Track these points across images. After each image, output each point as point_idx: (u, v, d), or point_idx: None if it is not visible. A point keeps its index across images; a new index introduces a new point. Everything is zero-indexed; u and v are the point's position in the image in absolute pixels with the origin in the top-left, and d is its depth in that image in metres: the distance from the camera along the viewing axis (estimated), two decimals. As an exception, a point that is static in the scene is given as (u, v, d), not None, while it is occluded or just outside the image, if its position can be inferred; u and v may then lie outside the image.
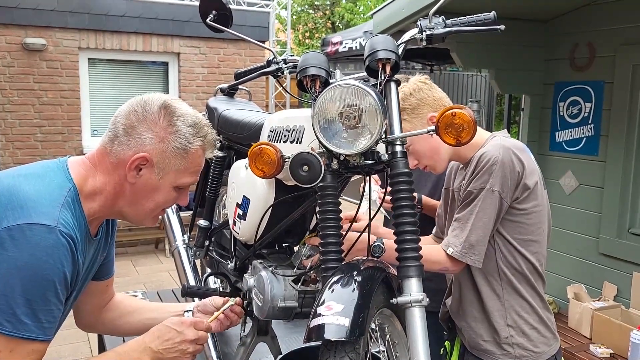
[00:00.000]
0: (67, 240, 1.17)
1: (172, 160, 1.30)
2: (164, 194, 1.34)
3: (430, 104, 1.80)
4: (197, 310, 1.64)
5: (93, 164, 1.30)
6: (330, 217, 1.50)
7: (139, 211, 1.36)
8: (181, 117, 1.31)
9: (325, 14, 18.59)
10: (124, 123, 1.28)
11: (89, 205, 1.28)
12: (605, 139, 3.66)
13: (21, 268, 1.11)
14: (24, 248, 1.12)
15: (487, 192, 1.65)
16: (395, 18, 3.71)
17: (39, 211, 1.15)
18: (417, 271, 1.38)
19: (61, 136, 6.79)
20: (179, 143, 1.30)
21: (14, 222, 1.13)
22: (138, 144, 1.27)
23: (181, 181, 1.34)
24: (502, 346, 1.77)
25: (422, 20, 1.59)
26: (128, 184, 1.30)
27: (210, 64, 7.43)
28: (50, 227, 1.14)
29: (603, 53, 3.64)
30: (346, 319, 1.16)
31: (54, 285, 1.15)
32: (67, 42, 6.68)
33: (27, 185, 1.20)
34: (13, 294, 1.11)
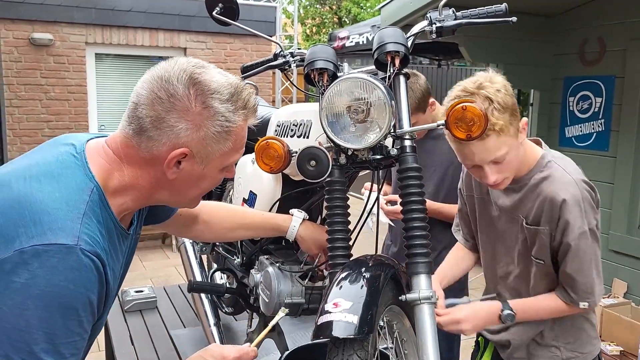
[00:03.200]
0: (91, 260, 1.00)
1: (215, 146, 1.11)
2: (210, 180, 1.18)
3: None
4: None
5: (118, 155, 1.11)
6: (338, 213, 1.48)
7: (182, 199, 1.22)
8: (215, 94, 1.09)
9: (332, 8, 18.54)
10: (150, 115, 1.07)
11: (119, 202, 1.11)
12: (616, 134, 3.62)
13: (37, 298, 0.95)
14: (40, 274, 0.95)
15: (589, 233, 1.55)
16: (404, 12, 3.68)
17: (56, 227, 0.98)
18: (426, 267, 1.36)
19: (68, 131, 6.78)
20: (219, 126, 1.10)
21: (27, 244, 0.96)
22: (172, 137, 1.08)
23: (228, 162, 1.17)
24: (549, 349, 1.72)
25: (432, 13, 1.56)
26: (167, 179, 1.13)
27: (216, 59, 7.41)
28: (70, 246, 0.97)
29: (613, 47, 3.60)
30: (354, 317, 1.14)
31: (76, 313, 0.99)
32: (74, 37, 6.68)
33: (40, 192, 1.01)
34: (29, 329, 0.95)
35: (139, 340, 2.51)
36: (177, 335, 2.53)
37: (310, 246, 1.75)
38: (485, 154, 1.47)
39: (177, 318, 2.79)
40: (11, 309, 0.94)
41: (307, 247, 1.76)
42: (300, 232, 1.72)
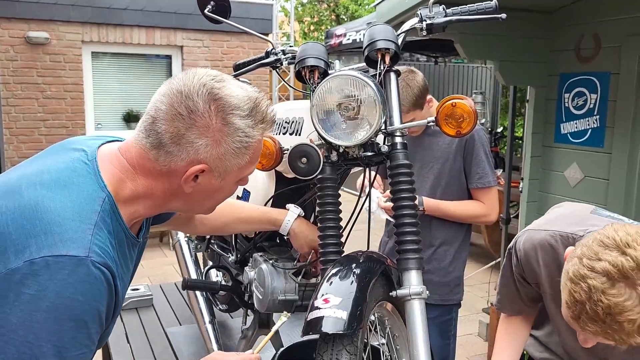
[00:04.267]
0: (101, 272, 0.98)
1: (234, 161, 1.11)
2: (226, 192, 1.19)
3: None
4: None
5: (132, 165, 1.10)
6: (330, 210, 1.49)
7: (197, 209, 1.24)
8: (235, 110, 1.08)
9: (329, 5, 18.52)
10: (169, 131, 1.06)
11: (130, 210, 1.10)
12: (611, 130, 3.62)
13: (47, 310, 0.93)
14: (50, 286, 0.94)
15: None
16: (399, 9, 3.67)
17: (67, 238, 0.96)
18: (416, 263, 1.37)
19: (65, 130, 6.80)
20: (238, 142, 1.10)
21: (38, 255, 0.94)
22: (191, 153, 1.07)
23: (244, 174, 1.18)
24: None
25: (422, 10, 1.57)
26: (182, 191, 1.12)
27: (213, 56, 7.42)
28: (81, 258, 0.96)
29: (609, 44, 3.60)
30: (344, 312, 1.14)
31: (85, 325, 0.98)
32: (70, 36, 6.68)
33: (51, 201, 1.00)
34: (38, 341, 0.94)
35: (135, 338, 2.52)
36: (172, 333, 2.54)
37: (301, 243, 1.76)
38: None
39: (173, 316, 2.80)
40: (20, 321, 0.93)
41: (299, 244, 1.77)
42: (294, 227, 1.73)
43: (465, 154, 2.34)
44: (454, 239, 2.41)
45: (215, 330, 2.17)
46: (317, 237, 1.51)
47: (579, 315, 1.06)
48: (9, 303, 0.94)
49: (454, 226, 2.39)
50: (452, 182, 2.36)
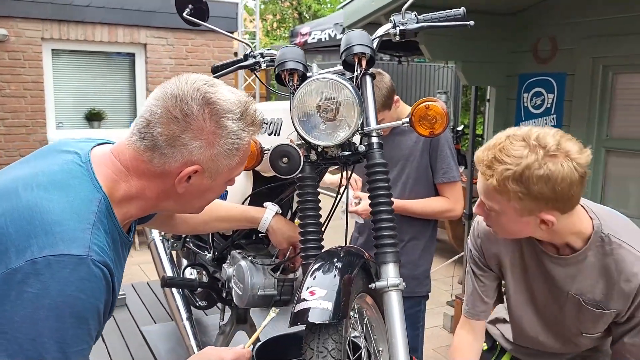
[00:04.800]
0: (101, 270, 1.02)
1: (225, 162, 1.16)
2: (216, 191, 1.24)
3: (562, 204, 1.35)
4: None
5: (125, 166, 1.14)
6: (310, 207, 1.56)
7: (188, 209, 1.29)
8: (227, 113, 1.13)
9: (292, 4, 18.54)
10: (165, 133, 1.11)
11: (123, 210, 1.14)
12: (567, 129, 3.79)
13: (49, 308, 0.97)
14: (52, 284, 0.97)
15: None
16: (366, 10, 3.76)
17: (67, 238, 1.00)
18: (393, 257, 1.45)
19: (25, 129, 6.65)
20: (230, 144, 1.15)
21: (39, 254, 0.97)
22: (185, 154, 1.12)
23: (234, 174, 1.23)
24: None
25: (396, 16, 1.65)
26: (175, 191, 1.17)
27: (178, 55, 7.36)
28: (81, 257, 0.99)
29: (565, 46, 3.77)
30: (329, 303, 1.21)
31: (86, 322, 1.02)
32: (30, 33, 6.52)
33: (49, 202, 1.03)
34: (41, 338, 0.97)
35: (110, 338, 2.53)
36: (148, 331, 2.56)
37: (280, 240, 1.82)
38: (482, 189, 1.42)
39: (146, 314, 2.82)
40: (23, 319, 0.96)
41: (278, 240, 1.82)
42: (272, 224, 1.79)
43: (431, 151, 2.44)
44: (422, 234, 2.51)
45: (193, 326, 2.21)
46: (298, 233, 1.57)
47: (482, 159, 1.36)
48: (10, 302, 0.97)
49: (422, 222, 2.49)
50: (419, 178, 2.45)
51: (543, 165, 1.29)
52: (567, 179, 1.29)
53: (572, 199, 1.34)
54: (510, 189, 1.32)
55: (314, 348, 1.19)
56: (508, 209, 1.37)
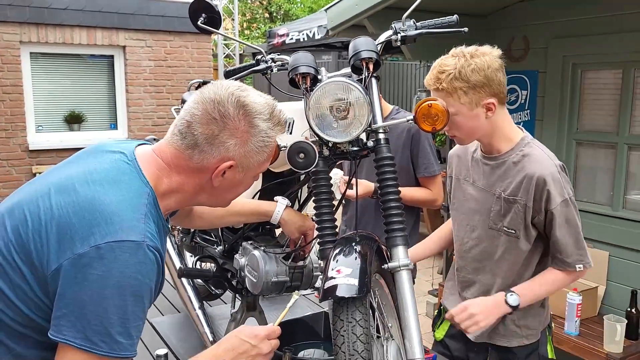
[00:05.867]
0: (153, 254, 1.17)
1: (255, 157, 1.32)
2: (245, 185, 1.40)
3: (494, 87, 1.78)
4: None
5: (167, 163, 1.29)
6: (324, 198, 1.71)
7: (220, 201, 1.43)
8: (259, 114, 1.30)
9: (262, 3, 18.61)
10: (205, 132, 1.25)
11: (165, 203, 1.29)
12: (540, 123, 4.03)
13: (113, 287, 1.10)
14: (114, 267, 1.10)
15: (568, 202, 1.79)
16: (349, 13, 3.93)
17: (125, 226, 1.14)
18: (403, 240, 1.62)
19: (5, 133, 6.62)
20: (261, 141, 1.30)
21: (102, 240, 1.11)
22: (222, 151, 1.27)
23: (261, 169, 1.38)
24: (510, 328, 1.95)
25: (396, 23, 1.81)
26: (211, 185, 1.32)
27: (156, 56, 7.41)
28: (138, 242, 1.13)
29: (537, 45, 4.01)
30: (355, 280, 1.37)
31: (142, 301, 1.16)
32: (8, 36, 6.50)
33: (106, 195, 1.17)
34: (107, 314, 1.10)
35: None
36: (158, 323, 2.68)
37: (292, 230, 1.97)
38: None
39: (153, 307, 2.93)
40: (91, 298, 1.10)
41: (290, 230, 1.98)
42: (284, 216, 1.94)
43: (412, 147, 2.65)
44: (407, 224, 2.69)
45: (205, 315, 2.34)
46: (314, 221, 1.73)
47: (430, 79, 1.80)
48: (77, 283, 1.11)
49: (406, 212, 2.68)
50: (401, 172, 2.62)
51: (472, 63, 1.77)
52: (492, 66, 1.78)
53: (500, 83, 1.79)
54: (457, 87, 1.75)
55: (343, 319, 1.35)
56: (461, 108, 1.77)
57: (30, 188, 1.28)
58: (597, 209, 3.70)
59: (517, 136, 1.89)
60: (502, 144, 1.88)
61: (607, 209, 3.66)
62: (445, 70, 1.78)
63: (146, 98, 7.38)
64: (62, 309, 1.12)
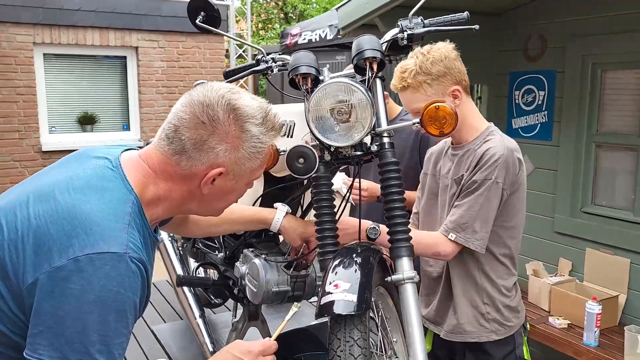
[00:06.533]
0: (137, 266, 1.09)
1: (247, 164, 1.23)
2: (237, 193, 1.31)
3: (455, 76, 1.85)
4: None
5: (153, 170, 1.21)
6: (325, 205, 1.62)
7: (209, 210, 1.34)
8: (250, 119, 1.21)
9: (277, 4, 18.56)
10: (192, 137, 1.18)
11: (151, 211, 1.21)
12: (558, 125, 3.90)
13: (92, 302, 1.03)
14: (94, 280, 1.03)
15: (492, 184, 1.75)
16: (360, 12, 3.83)
17: (106, 236, 1.06)
18: (408, 251, 1.53)
19: (18, 134, 6.64)
20: (253, 147, 1.22)
21: (81, 252, 1.04)
22: (211, 157, 1.19)
23: (254, 177, 1.30)
24: (480, 322, 1.90)
25: (403, 21, 1.72)
26: (200, 193, 1.24)
27: (169, 57, 7.39)
28: (120, 254, 1.06)
29: (554, 44, 3.87)
30: (353, 296, 1.28)
31: (125, 316, 1.08)
32: (21, 38, 6.51)
33: (87, 203, 1.10)
34: (86, 331, 1.03)
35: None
36: (159, 330, 2.61)
37: (294, 237, 1.88)
38: (406, 103, 1.89)
39: (155, 314, 2.87)
40: (69, 314, 1.03)
41: (291, 238, 1.89)
42: (284, 223, 1.85)
43: (421, 149, 2.54)
44: None
45: (205, 324, 2.27)
46: (314, 230, 1.64)
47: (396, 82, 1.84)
48: (54, 298, 1.04)
49: None
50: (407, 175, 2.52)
51: (429, 57, 1.83)
52: (449, 56, 1.85)
53: (460, 71, 1.87)
54: (421, 80, 1.81)
55: (340, 338, 1.26)
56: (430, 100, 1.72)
57: (11, 195, 1.20)
58: (617, 214, 3.56)
59: (483, 126, 1.91)
60: (469, 134, 1.89)
61: (628, 214, 3.52)
62: (406, 69, 1.84)
63: (158, 99, 7.36)
64: (38, 326, 1.05)
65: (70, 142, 6.91)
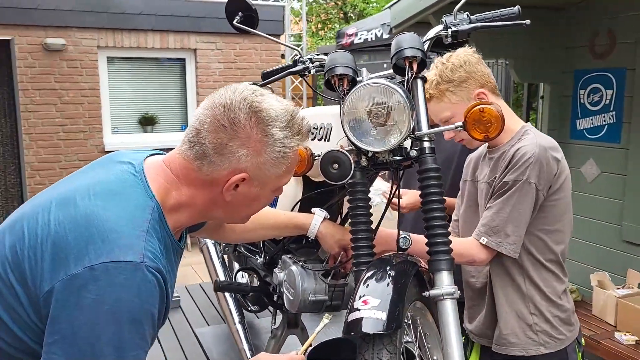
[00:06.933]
0: (154, 276, 1.05)
1: (272, 170, 1.17)
2: (263, 200, 1.25)
3: (479, 79, 1.80)
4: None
5: (176, 175, 1.17)
6: (361, 213, 1.54)
7: (235, 217, 1.29)
8: (274, 122, 1.15)
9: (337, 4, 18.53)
10: (213, 141, 1.13)
11: (174, 218, 1.17)
12: (627, 126, 3.64)
13: (107, 313, 1.00)
14: (109, 290, 1.00)
15: (523, 184, 1.65)
16: (413, 10, 3.71)
17: (123, 245, 1.03)
18: (448, 264, 1.42)
19: (83, 134, 6.89)
20: (277, 152, 1.16)
21: (97, 261, 1.01)
22: (233, 162, 1.14)
23: (281, 183, 1.24)
24: (527, 334, 1.78)
25: (447, 17, 1.61)
26: (223, 199, 1.18)
27: (226, 59, 7.48)
28: (136, 264, 1.02)
29: (624, 40, 3.61)
30: (383, 313, 1.19)
31: (141, 327, 1.04)
32: (86, 42, 6.76)
33: (105, 210, 1.07)
34: (99, 343, 1.00)
35: (166, 339, 2.59)
36: (202, 333, 2.61)
37: (331, 244, 1.81)
38: (433, 115, 1.80)
39: (200, 316, 2.87)
40: (83, 324, 1.00)
41: (329, 245, 1.82)
42: (321, 229, 1.78)
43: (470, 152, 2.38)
44: None
45: (245, 330, 2.23)
46: (349, 239, 1.56)
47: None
48: (70, 307, 1.01)
49: None
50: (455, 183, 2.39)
51: (448, 65, 1.79)
52: (469, 61, 1.79)
53: (483, 74, 1.80)
54: (444, 89, 1.78)
55: (368, 358, 1.18)
56: (455, 107, 1.76)
57: (36, 200, 1.20)
58: (693, 224, 3.27)
59: (517, 126, 1.81)
60: (503, 136, 1.75)
61: None
62: (428, 80, 1.77)
63: (216, 100, 7.46)
64: (53, 335, 1.02)
65: (132, 143, 7.12)
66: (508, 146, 1.75)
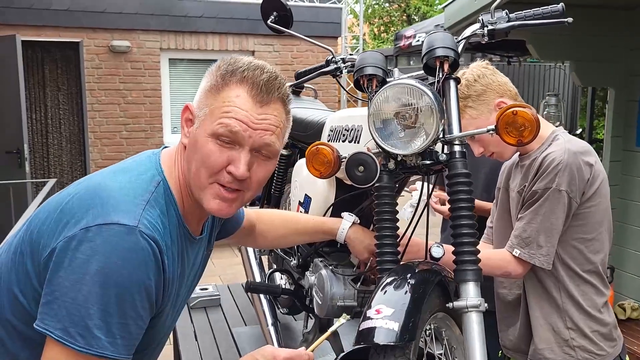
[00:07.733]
0: (148, 244, 1.03)
1: (205, 101, 1.13)
2: (201, 147, 1.11)
3: (496, 89, 1.77)
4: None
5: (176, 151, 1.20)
6: (387, 218, 1.49)
7: (195, 181, 1.14)
8: (231, 60, 1.16)
9: (400, 6, 18.36)
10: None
11: (178, 197, 1.17)
12: (700, 134, 3.38)
13: (95, 274, 0.99)
14: (100, 250, 1.00)
15: (553, 192, 1.58)
16: (467, 10, 3.60)
17: (120, 209, 1.03)
18: (474, 275, 1.34)
19: (144, 133, 7.14)
20: (212, 81, 1.14)
21: (93, 222, 1.01)
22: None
23: (213, 126, 1.11)
24: (563, 349, 1.68)
25: (484, 15, 1.53)
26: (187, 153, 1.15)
27: (283, 61, 7.56)
28: (130, 227, 1.02)
29: (697, 40, 3.37)
30: (396, 324, 1.14)
31: (130, 295, 1.02)
32: (150, 44, 7.00)
33: (112, 181, 1.10)
34: (86, 303, 0.99)
35: (203, 337, 2.62)
36: (238, 333, 2.61)
37: (360, 250, 1.76)
38: None
39: (239, 316, 2.88)
40: (72, 284, 1.00)
41: (357, 251, 1.77)
42: (349, 234, 1.73)
43: None
44: None
45: (277, 332, 2.21)
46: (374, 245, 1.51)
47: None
48: (64, 268, 1.02)
49: None
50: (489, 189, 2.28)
51: (463, 81, 1.71)
52: (482, 74, 1.76)
53: (500, 83, 1.77)
54: (462, 106, 1.68)
55: (378, 370, 1.13)
56: (479, 122, 1.71)
57: None
58: None
59: (547, 132, 1.74)
60: (534, 142, 1.63)
61: None
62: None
63: (271, 102, 7.55)
64: (47, 296, 1.03)
65: (191, 143, 7.31)
66: (538, 153, 1.68)
